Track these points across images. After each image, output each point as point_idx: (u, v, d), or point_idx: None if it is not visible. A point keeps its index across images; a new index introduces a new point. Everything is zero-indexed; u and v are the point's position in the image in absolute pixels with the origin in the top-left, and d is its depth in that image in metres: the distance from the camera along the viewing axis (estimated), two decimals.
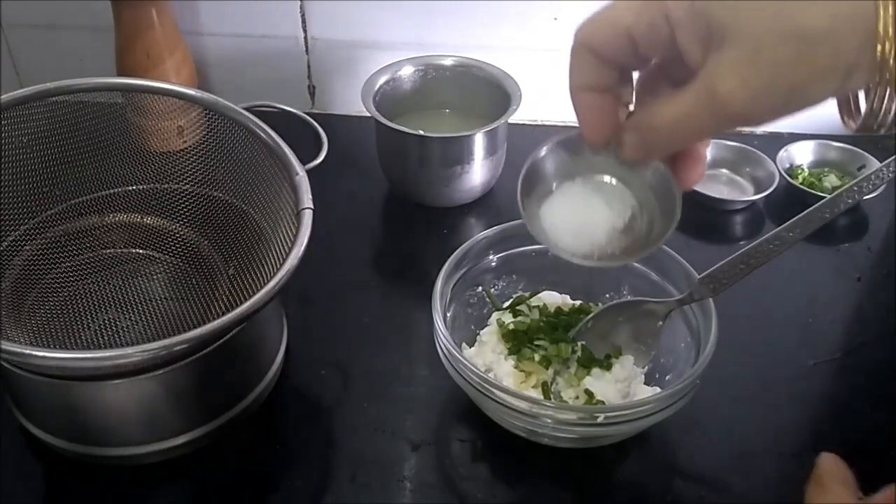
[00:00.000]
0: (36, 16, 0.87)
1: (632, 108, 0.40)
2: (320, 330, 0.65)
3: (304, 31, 0.87)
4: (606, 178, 0.44)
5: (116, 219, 0.64)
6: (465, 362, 0.51)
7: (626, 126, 0.39)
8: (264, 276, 0.55)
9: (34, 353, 0.45)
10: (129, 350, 0.45)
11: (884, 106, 0.33)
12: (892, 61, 0.31)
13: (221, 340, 0.50)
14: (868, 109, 0.34)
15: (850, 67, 0.31)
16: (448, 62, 0.80)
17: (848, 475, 0.46)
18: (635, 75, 0.40)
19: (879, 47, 0.31)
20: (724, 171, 0.82)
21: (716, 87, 0.33)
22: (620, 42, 0.36)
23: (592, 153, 0.42)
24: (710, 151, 0.83)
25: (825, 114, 0.35)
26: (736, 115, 0.34)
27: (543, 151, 0.44)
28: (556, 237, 0.44)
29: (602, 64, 0.38)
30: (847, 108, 0.37)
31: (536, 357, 0.56)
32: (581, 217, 0.44)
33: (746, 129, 0.88)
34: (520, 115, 0.74)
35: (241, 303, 0.47)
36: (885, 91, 0.32)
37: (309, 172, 0.57)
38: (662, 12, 0.34)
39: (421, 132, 0.73)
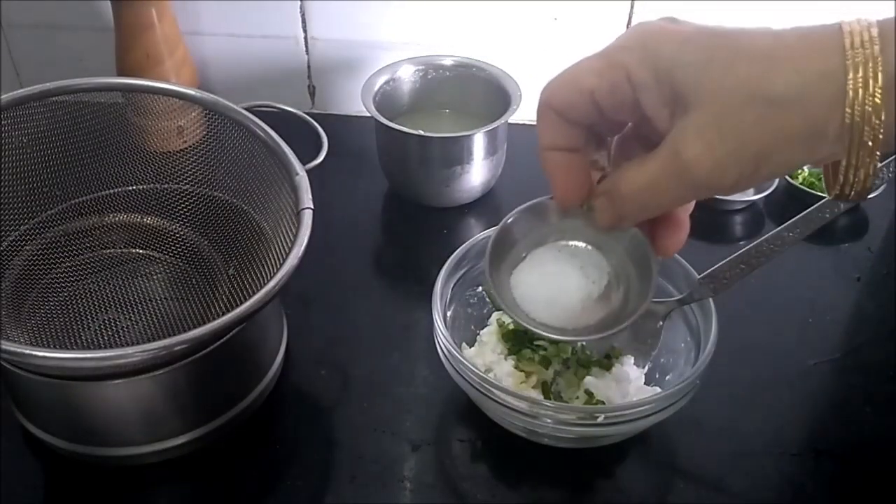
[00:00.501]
0: (36, 16, 0.87)
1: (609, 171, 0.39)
2: (320, 330, 0.65)
3: (304, 31, 0.87)
4: (581, 245, 0.42)
5: (116, 219, 0.64)
6: (465, 362, 0.51)
7: (597, 191, 0.38)
8: (264, 276, 0.55)
9: (34, 353, 0.45)
10: (129, 350, 0.45)
11: (860, 174, 0.31)
12: (863, 124, 0.29)
13: (221, 340, 0.50)
14: (844, 177, 0.32)
15: (817, 133, 0.30)
16: (448, 62, 0.80)
17: None
18: (613, 138, 0.39)
19: (848, 111, 0.29)
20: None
21: (681, 152, 0.32)
22: (583, 103, 0.35)
23: (565, 218, 0.41)
24: None
25: None
26: (702, 182, 0.32)
27: (512, 217, 0.42)
28: (528, 307, 0.42)
29: (568, 124, 0.37)
30: (830, 178, 0.35)
31: (536, 357, 0.56)
32: (553, 285, 0.42)
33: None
34: (520, 115, 0.74)
35: (241, 303, 0.47)
36: (856, 158, 0.31)
37: (309, 172, 0.57)
38: (625, 75, 0.33)
39: (421, 132, 0.73)
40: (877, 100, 0.29)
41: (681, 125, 0.32)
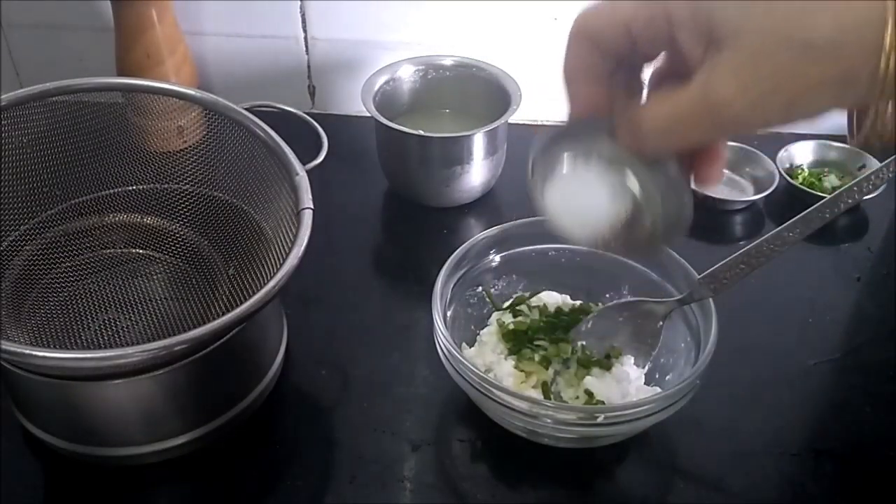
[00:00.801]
0: (36, 16, 0.87)
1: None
2: (320, 330, 0.65)
3: (304, 31, 0.87)
4: (614, 164, 0.43)
5: (116, 219, 0.64)
6: (465, 362, 0.51)
7: (621, 120, 0.38)
8: (264, 276, 0.55)
9: (34, 353, 0.45)
10: (129, 350, 0.45)
11: (886, 121, 0.32)
12: (894, 75, 0.30)
13: (221, 340, 0.50)
14: (870, 125, 0.33)
15: (850, 79, 0.31)
16: (448, 62, 0.80)
17: None
18: (642, 70, 0.39)
19: (884, 60, 0.30)
20: (724, 171, 0.82)
21: (712, 90, 0.32)
22: (617, 34, 0.36)
23: (608, 139, 0.41)
24: None
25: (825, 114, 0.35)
26: (730, 121, 0.33)
27: (561, 130, 0.43)
28: (559, 219, 0.44)
29: (598, 52, 0.37)
30: (854, 123, 0.36)
31: (536, 357, 0.56)
32: (584, 202, 0.43)
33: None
34: (520, 115, 0.74)
35: (241, 303, 0.47)
36: (886, 106, 0.32)
37: (309, 172, 0.57)
38: (663, 10, 0.33)
39: (421, 132, 0.73)
40: None
41: (714, 63, 0.32)
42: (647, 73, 0.40)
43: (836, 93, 0.31)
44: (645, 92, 0.40)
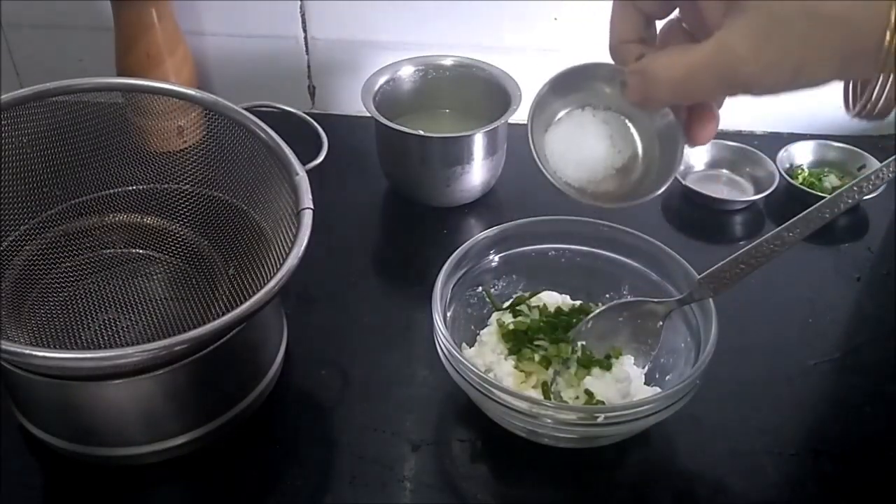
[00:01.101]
0: (36, 16, 0.87)
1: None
2: (320, 330, 0.65)
3: (304, 31, 0.87)
4: (614, 114, 0.44)
5: (116, 219, 0.64)
6: (465, 362, 0.51)
7: (632, 68, 0.40)
8: (264, 276, 0.55)
9: (34, 353, 0.45)
10: (129, 350, 0.45)
11: (885, 94, 0.34)
12: None
13: (221, 340, 0.50)
14: (868, 96, 0.35)
15: (858, 52, 0.33)
16: (448, 62, 0.80)
17: None
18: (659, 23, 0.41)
19: (888, 35, 0.31)
20: (724, 171, 0.82)
21: (728, 49, 0.34)
22: None
23: (605, 86, 0.43)
24: (709, 151, 0.83)
25: (825, 114, 0.36)
26: (740, 81, 0.35)
27: (558, 76, 0.44)
28: (557, 164, 0.45)
29: (635, 9, 0.40)
30: (851, 93, 0.38)
31: (536, 357, 0.56)
32: (583, 146, 0.44)
33: (746, 129, 0.88)
34: (520, 115, 0.74)
35: (241, 303, 0.47)
36: (888, 80, 0.34)
37: (309, 172, 0.57)
38: None
39: (421, 132, 0.73)
40: None
41: (733, 24, 0.34)
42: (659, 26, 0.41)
43: (843, 63, 0.33)
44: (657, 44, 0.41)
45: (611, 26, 0.41)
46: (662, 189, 0.43)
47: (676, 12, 0.40)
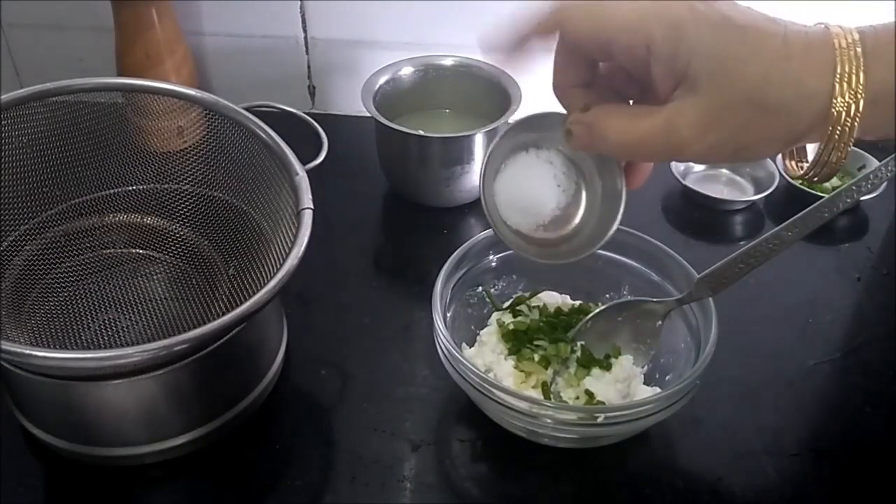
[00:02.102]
0: (36, 16, 0.87)
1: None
2: (320, 330, 0.65)
3: (304, 31, 0.87)
4: (557, 152, 0.46)
5: (116, 219, 0.64)
6: (465, 362, 0.51)
7: (577, 118, 0.41)
8: (264, 276, 0.55)
9: (34, 353, 0.45)
10: (129, 350, 0.45)
11: (829, 161, 0.36)
12: (841, 143, 0.35)
13: (221, 340, 0.50)
14: (812, 164, 0.37)
15: (796, 138, 0.35)
16: (448, 62, 0.80)
17: None
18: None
19: (830, 129, 0.34)
20: (724, 171, 0.82)
21: (676, 128, 0.36)
22: (597, 49, 0.39)
23: (548, 130, 0.44)
24: None
25: None
26: (684, 154, 0.38)
27: (507, 131, 0.45)
28: (505, 213, 0.46)
29: (573, 55, 0.41)
30: (791, 156, 0.42)
31: (536, 357, 0.56)
32: (528, 189, 0.46)
33: None
34: (520, 116, 0.74)
35: (241, 303, 0.47)
36: (830, 153, 0.36)
37: (309, 172, 0.57)
38: (646, 44, 0.36)
39: (421, 132, 0.73)
40: (855, 124, 0.34)
41: (683, 104, 0.36)
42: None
43: (782, 145, 0.36)
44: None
45: (554, 69, 0.42)
46: (611, 233, 0.45)
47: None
